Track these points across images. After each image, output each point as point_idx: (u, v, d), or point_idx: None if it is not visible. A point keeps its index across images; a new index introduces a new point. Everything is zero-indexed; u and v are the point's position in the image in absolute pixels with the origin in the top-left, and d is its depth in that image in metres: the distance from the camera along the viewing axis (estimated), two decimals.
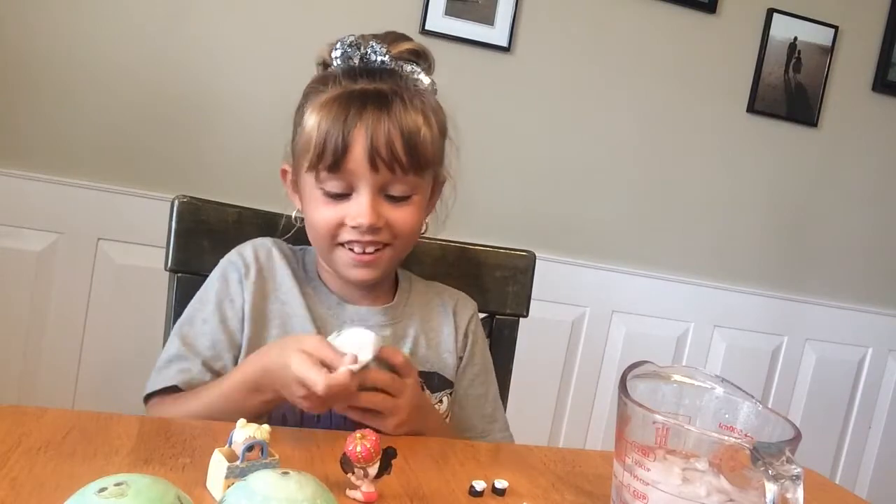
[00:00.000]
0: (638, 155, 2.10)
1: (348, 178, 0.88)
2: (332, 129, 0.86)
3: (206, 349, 0.90)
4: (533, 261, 1.18)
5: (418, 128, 0.89)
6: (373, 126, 0.86)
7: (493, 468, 0.76)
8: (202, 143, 1.80)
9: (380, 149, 0.86)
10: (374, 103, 0.87)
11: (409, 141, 0.88)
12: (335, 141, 0.86)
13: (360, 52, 0.92)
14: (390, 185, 0.89)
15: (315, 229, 0.92)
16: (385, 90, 0.89)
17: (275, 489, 0.48)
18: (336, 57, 0.92)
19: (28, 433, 0.64)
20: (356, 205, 0.88)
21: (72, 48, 1.71)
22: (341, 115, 0.87)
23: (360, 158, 0.86)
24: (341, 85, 0.90)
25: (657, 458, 0.57)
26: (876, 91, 2.24)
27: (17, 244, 1.69)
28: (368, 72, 0.91)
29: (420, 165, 0.89)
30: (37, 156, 1.72)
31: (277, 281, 0.96)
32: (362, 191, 0.88)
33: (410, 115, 0.89)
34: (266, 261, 0.96)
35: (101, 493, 0.44)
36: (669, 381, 0.67)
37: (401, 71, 0.92)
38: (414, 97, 0.90)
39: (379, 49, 0.91)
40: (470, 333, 1.03)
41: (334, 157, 0.86)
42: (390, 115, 0.87)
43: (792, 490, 0.50)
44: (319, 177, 0.88)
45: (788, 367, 2.29)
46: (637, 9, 2.04)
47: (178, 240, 1.02)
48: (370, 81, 0.90)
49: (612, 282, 2.10)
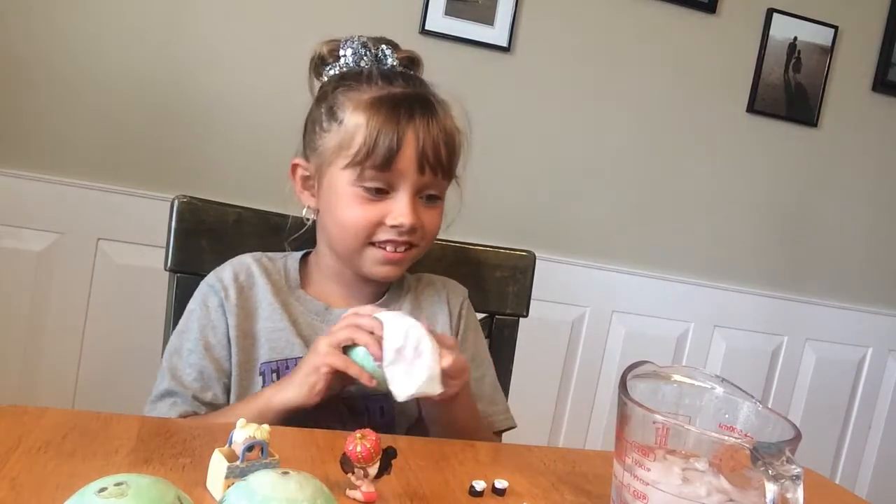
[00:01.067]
0: (638, 155, 2.10)
1: (392, 178, 0.89)
2: (385, 128, 0.88)
3: (193, 381, 0.90)
4: (533, 261, 1.18)
5: (455, 133, 0.94)
6: (423, 130, 0.89)
7: (493, 468, 0.76)
8: (202, 143, 1.80)
9: (428, 152, 0.89)
10: (420, 107, 0.90)
11: (450, 146, 0.92)
12: (390, 140, 0.88)
13: (373, 54, 0.95)
14: (427, 187, 0.92)
15: (345, 228, 0.92)
16: (424, 95, 0.93)
17: (275, 489, 0.48)
18: (345, 55, 0.95)
19: (28, 433, 0.64)
20: (398, 205, 0.90)
21: (72, 48, 1.71)
22: (393, 115, 0.89)
23: (410, 160, 0.89)
24: (379, 85, 0.92)
25: (657, 458, 0.57)
26: (876, 91, 2.24)
27: (17, 244, 1.69)
28: (403, 76, 0.94)
29: (453, 170, 0.94)
30: (37, 156, 1.72)
31: (259, 299, 0.95)
32: (403, 191, 0.90)
33: (449, 120, 0.93)
34: (246, 280, 0.95)
35: (102, 493, 0.44)
36: (669, 381, 0.67)
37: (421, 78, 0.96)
38: (445, 104, 0.94)
39: (389, 53, 0.95)
40: (462, 318, 1.04)
41: (387, 156, 0.88)
42: (436, 120, 0.91)
43: (792, 490, 0.50)
44: (364, 175, 0.89)
45: (788, 367, 2.29)
46: (637, 9, 2.04)
47: (178, 240, 1.02)
48: (406, 85, 0.93)
49: (612, 282, 2.10)
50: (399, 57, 0.96)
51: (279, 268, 0.99)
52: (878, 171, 2.30)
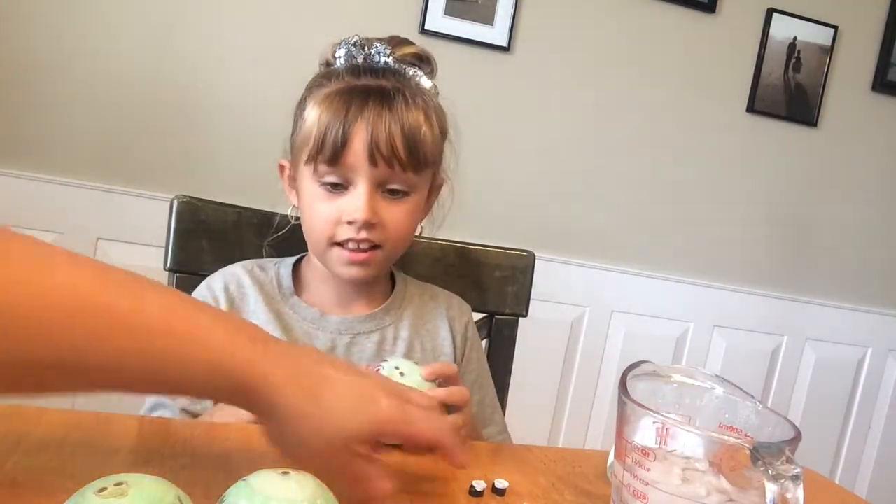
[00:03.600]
0: (638, 155, 2.10)
1: (346, 172, 0.87)
2: (333, 121, 0.86)
3: None
4: (532, 261, 1.18)
5: (419, 125, 0.89)
6: (373, 120, 0.86)
7: (493, 468, 0.76)
8: (202, 143, 1.80)
9: (380, 144, 0.86)
10: (375, 98, 0.87)
11: (410, 138, 0.87)
12: (335, 133, 0.86)
13: (364, 53, 0.92)
14: (388, 180, 0.88)
15: (311, 226, 0.91)
16: (387, 87, 0.89)
17: (275, 489, 0.48)
18: (339, 56, 0.93)
19: (28, 433, 0.64)
20: (352, 199, 0.87)
21: (71, 48, 1.71)
22: (342, 108, 0.87)
23: (360, 152, 0.86)
24: (344, 80, 0.90)
25: (657, 458, 0.57)
26: (876, 91, 2.24)
27: None
28: (372, 70, 0.91)
29: (419, 163, 0.89)
30: (37, 156, 1.72)
31: (251, 310, 0.94)
32: (359, 185, 0.87)
33: (412, 112, 0.88)
34: (237, 291, 0.94)
35: (101, 493, 0.44)
36: (669, 381, 0.67)
37: (404, 72, 0.93)
38: (416, 95, 0.90)
39: (383, 50, 0.92)
40: (468, 339, 1.02)
41: (334, 150, 0.86)
42: (392, 111, 0.87)
43: (792, 490, 0.50)
44: (318, 170, 0.88)
45: (788, 367, 2.29)
46: (637, 9, 2.04)
47: (178, 240, 1.01)
48: (373, 78, 0.90)
49: (612, 282, 2.10)
50: (402, 55, 0.93)
51: (271, 277, 0.97)
52: (877, 171, 2.30)
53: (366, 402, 0.56)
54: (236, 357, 0.52)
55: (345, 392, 0.56)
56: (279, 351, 0.55)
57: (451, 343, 1.00)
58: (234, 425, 0.80)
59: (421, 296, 1.03)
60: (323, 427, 0.54)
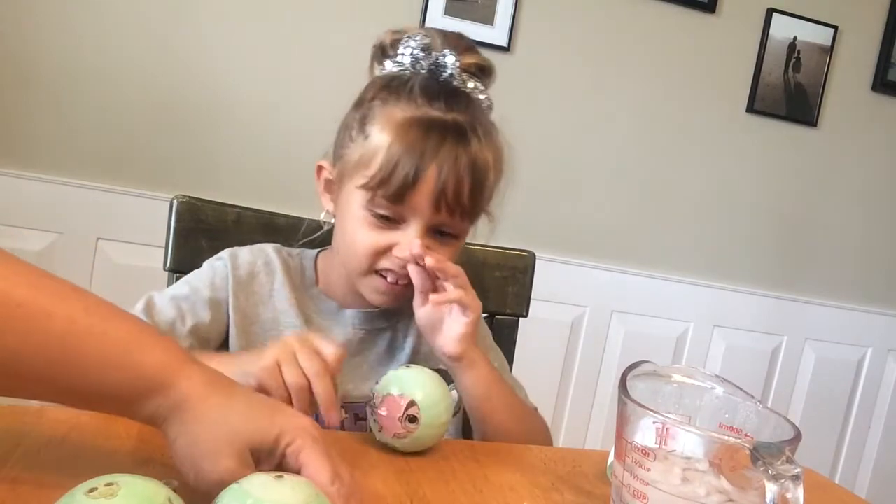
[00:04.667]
0: (637, 154, 2.10)
1: (405, 212, 0.83)
2: (405, 158, 0.81)
3: (162, 322, 0.84)
4: (533, 261, 1.18)
5: (488, 170, 0.86)
6: (447, 166, 0.81)
7: (493, 468, 0.76)
8: (202, 143, 1.80)
9: (448, 191, 0.82)
10: (452, 138, 0.82)
11: (477, 188, 0.84)
12: (406, 173, 0.81)
13: (431, 60, 0.87)
14: (442, 225, 0.86)
15: (353, 249, 0.87)
16: (462, 123, 0.84)
17: (268, 493, 0.47)
18: (403, 54, 0.88)
19: (28, 433, 0.64)
20: (406, 237, 0.83)
21: (71, 48, 1.71)
22: (418, 145, 0.81)
23: (426, 197, 0.82)
24: (416, 103, 0.84)
25: (657, 458, 0.57)
26: (876, 91, 2.24)
27: (17, 244, 1.69)
28: (445, 93, 0.86)
29: (478, 213, 0.88)
30: (37, 156, 1.72)
31: (275, 289, 0.92)
32: (413, 225, 0.84)
33: (483, 154, 0.85)
34: (265, 268, 0.93)
35: (91, 493, 0.44)
36: (669, 381, 0.67)
37: (469, 91, 0.88)
38: (489, 133, 0.87)
39: (451, 63, 0.87)
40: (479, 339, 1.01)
41: (400, 190, 0.81)
42: (467, 154, 0.83)
43: (792, 490, 0.50)
44: (375, 201, 0.83)
45: (788, 366, 2.29)
46: (637, 9, 2.04)
47: (178, 240, 1.01)
48: (447, 108, 0.85)
49: (612, 282, 2.10)
50: (466, 64, 0.88)
51: (297, 264, 0.97)
52: (877, 171, 2.30)
53: (272, 411, 0.57)
54: (149, 355, 0.54)
55: (253, 400, 0.57)
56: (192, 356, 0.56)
57: None
58: None
59: None
60: (224, 432, 0.53)
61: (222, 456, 0.52)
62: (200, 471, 0.52)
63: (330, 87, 1.84)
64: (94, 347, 0.52)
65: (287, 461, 0.55)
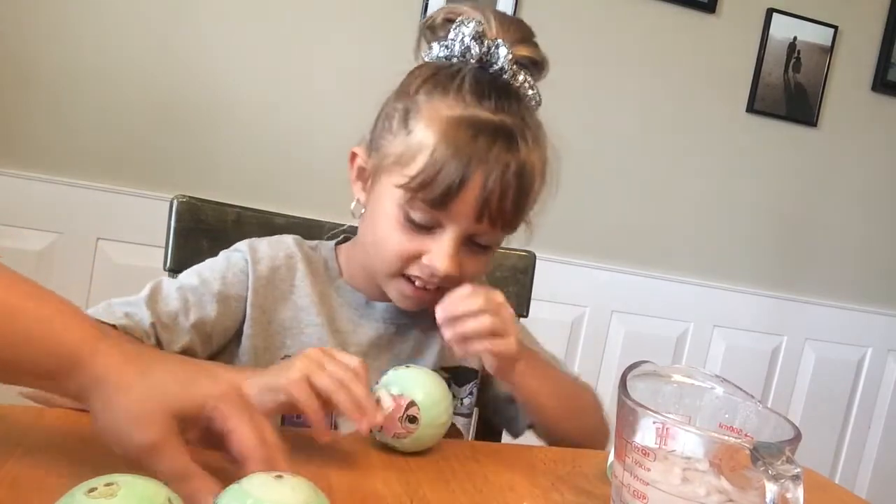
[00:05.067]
0: (638, 154, 2.10)
1: (443, 218, 0.79)
2: (452, 162, 0.76)
3: (165, 313, 0.80)
4: (533, 261, 1.18)
5: (534, 178, 0.81)
6: (495, 174, 0.77)
7: (493, 468, 0.76)
8: (202, 143, 1.80)
9: (492, 201, 0.77)
10: (502, 143, 0.78)
11: (521, 196, 0.80)
12: (451, 178, 0.76)
13: (484, 48, 0.81)
14: (480, 235, 0.81)
15: (382, 249, 0.83)
16: (512, 127, 0.79)
17: (268, 493, 0.47)
18: (454, 39, 0.82)
19: (28, 433, 0.64)
20: (439, 247, 0.79)
21: (71, 48, 1.71)
22: (466, 149, 0.76)
23: (469, 206, 0.77)
24: (465, 101, 0.79)
25: (657, 458, 0.57)
26: (876, 91, 2.24)
27: (17, 244, 1.69)
28: (496, 89, 0.80)
29: (517, 224, 0.83)
30: (36, 156, 1.72)
31: (296, 286, 0.88)
32: (449, 234, 0.79)
33: (531, 160, 0.80)
34: (285, 262, 0.88)
35: (91, 493, 0.44)
36: (669, 381, 0.67)
37: (518, 86, 0.83)
38: (538, 138, 0.82)
39: (502, 51, 0.81)
40: None
41: (443, 197, 0.76)
42: (515, 160, 0.78)
43: (792, 490, 0.50)
44: (413, 204, 0.78)
45: (788, 366, 2.29)
46: (637, 9, 2.04)
47: (178, 240, 1.01)
48: (497, 108, 0.79)
49: (612, 282, 2.10)
50: (518, 55, 0.83)
51: (318, 256, 0.92)
52: (878, 171, 2.30)
53: (195, 378, 0.56)
54: (69, 332, 0.54)
55: (175, 368, 0.57)
56: (115, 335, 0.57)
57: None
58: None
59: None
60: (145, 398, 0.53)
61: (145, 423, 0.52)
62: (124, 439, 0.52)
63: (330, 87, 1.84)
64: (12, 325, 0.52)
65: (212, 427, 0.55)
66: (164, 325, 0.79)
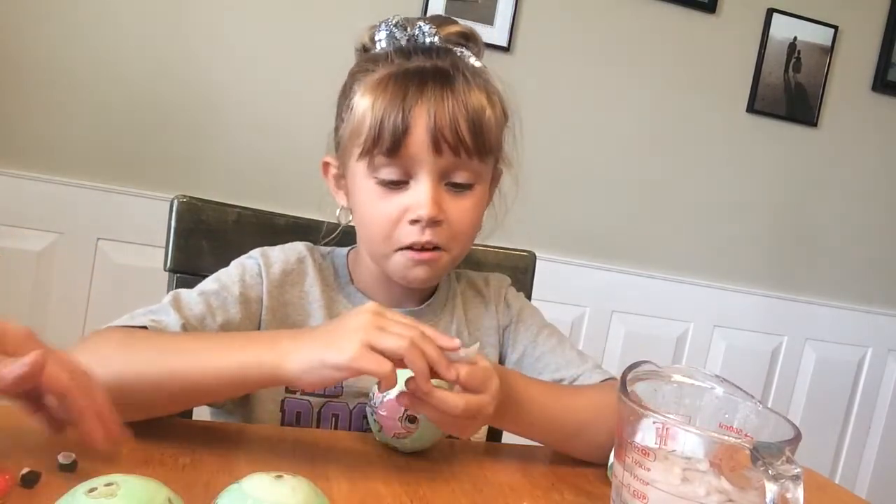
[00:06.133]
0: (638, 154, 2.10)
1: (407, 164, 0.80)
2: (390, 108, 0.78)
3: (192, 316, 0.79)
4: (533, 261, 1.18)
5: (483, 107, 0.81)
6: (436, 104, 0.78)
7: (493, 468, 0.76)
8: (202, 143, 1.80)
9: (444, 129, 0.78)
10: (435, 80, 0.79)
11: (475, 121, 0.80)
12: (394, 121, 0.78)
13: (408, 34, 0.84)
14: (453, 171, 0.81)
15: (369, 227, 0.84)
16: (444, 67, 0.82)
17: (268, 493, 0.47)
18: (380, 39, 0.86)
19: (29, 433, 0.64)
20: (416, 193, 0.80)
21: (71, 48, 1.71)
22: (399, 93, 0.79)
23: (422, 140, 0.78)
24: (394, 63, 0.82)
25: (657, 458, 0.57)
26: (876, 91, 2.24)
27: (17, 244, 1.69)
28: (423, 49, 0.83)
29: (484, 149, 0.82)
30: (36, 156, 1.72)
31: (307, 292, 0.88)
32: (422, 178, 0.80)
33: (474, 93, 0.81)
34: (297, 267, 0.89)
35: (91, 493, 0.44)
36: (669, 381, 0.67)
37: (454, 52, 0.85)
38: (476, 75, 0.84)
39: (428, 31, 0.84)
40: (509, 308, 0.97)
41: (393, 139, 0.78)
42: (454, 93, 0.79)
43: (792, 490, 0.50)
44: (374, 163, 0.80)
45: (788, 367, 2.29)
46: (637, 9, 2.04)
47: (178, 240, 1.01)
48: (426, 59, 0.82)
49: (612, 282, 2.10)
50: (449, 34, 0.85)
51: (329, 263, 0.93)
52: (878, 171, 2.30)
53: None
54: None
55: None
56: None
57: (496, 325, 0.96)
58: (234, 425, 0.81)
59: (461, 283, 0.98)
60: None
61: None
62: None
63: (330, 87, 1.83)
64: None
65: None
66: (193, 328, 0.79)
